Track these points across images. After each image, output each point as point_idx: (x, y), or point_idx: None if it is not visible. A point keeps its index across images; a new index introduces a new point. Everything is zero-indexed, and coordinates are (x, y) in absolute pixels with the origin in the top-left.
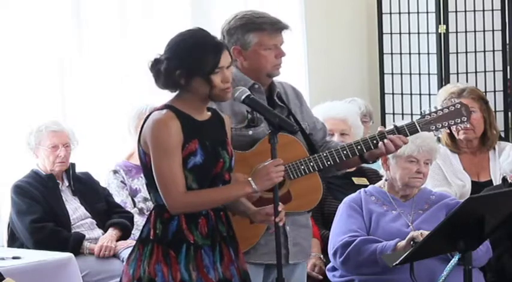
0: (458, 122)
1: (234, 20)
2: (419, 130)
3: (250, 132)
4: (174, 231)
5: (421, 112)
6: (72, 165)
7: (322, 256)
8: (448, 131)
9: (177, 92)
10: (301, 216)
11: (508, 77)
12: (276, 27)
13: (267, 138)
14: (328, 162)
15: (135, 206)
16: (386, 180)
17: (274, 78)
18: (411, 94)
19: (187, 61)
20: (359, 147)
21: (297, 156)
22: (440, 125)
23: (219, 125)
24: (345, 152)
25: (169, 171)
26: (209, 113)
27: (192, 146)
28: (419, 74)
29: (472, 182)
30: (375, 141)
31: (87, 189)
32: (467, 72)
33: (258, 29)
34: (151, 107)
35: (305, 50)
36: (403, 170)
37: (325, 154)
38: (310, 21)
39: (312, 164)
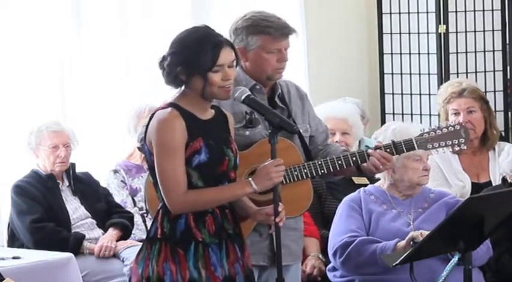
0: (456, 143)
1: (241, 20)
2: (416, 147)
3: (247, 133)
4: (182, 230)
5: (420, 129)
6: (73, 165)
7: (321, 256)
8: (444, 151)
9: (181, 90)
10: (290, 219)
11: (508, 77)
12: (280, 32)
13: (265, 140)
14: (322, 171)
15: (135, 205)
16: (391, 183)
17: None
18: (411, 94)
19: (186, 58)
20: (354, 158)
21: (292, 162)
22: (438, 144)
23: (223, 123)
24: (339, 162)
25: (171, 171)
26: (213, 111)
27: (196, 144)
28: (419, 74)
29: (472, 182)
30: None
31: (87, 189)
32: (467, 72)
33: (262, 32)
34: (150, 107)
35: (305, 50)
36: (412, 170)
37: (319, 162)
38: (310, 21)
39: (305, 170)
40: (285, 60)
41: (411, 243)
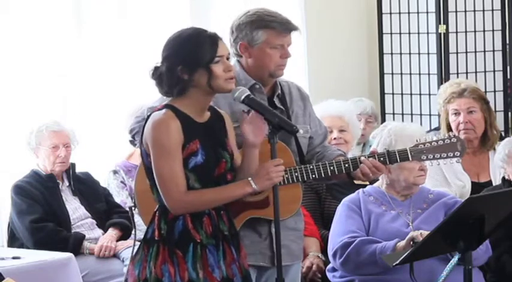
0: (451, 156)
1: (244, 16)
2: (410, 158)
3: None
4: (180, 231)
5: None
6: (72, 165)
7: (321, 255)
8: (438, 164)
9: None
10: (289, 219)
11: (508, 77)
12: (284, 27)
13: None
14: (313, 176)
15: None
16: (387, 183)
17: (282, 78)
18: (411, 94)
19: (186, 55)
20: (346, 165)
21: (285, 164)
22: (432, 156)
23: (219, 124)
24: (331, 167)
25: (169, 171)
26: (208, 113)
27: (193, 146)
28: (419, 74)
29: (472, 182)
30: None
31: (87, 189)
32: (467, 72)
33: (267, 27)
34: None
35: (305, 50)
36: (407, 170)
37: (311, 167)
38: (310, 21)
39: (296, 174)
40: (288, 57)
41: (411, 243)
